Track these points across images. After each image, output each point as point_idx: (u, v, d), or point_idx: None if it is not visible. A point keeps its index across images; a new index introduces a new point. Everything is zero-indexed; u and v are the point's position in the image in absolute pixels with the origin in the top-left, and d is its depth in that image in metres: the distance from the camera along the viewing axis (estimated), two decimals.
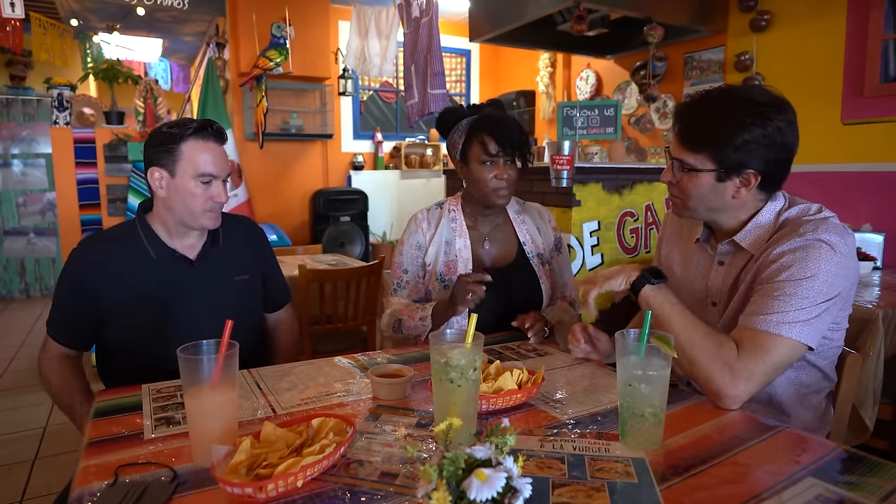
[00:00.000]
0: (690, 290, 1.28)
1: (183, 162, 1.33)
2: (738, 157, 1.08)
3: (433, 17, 3.28)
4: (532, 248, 1.67)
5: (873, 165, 3.04)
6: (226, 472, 0.75)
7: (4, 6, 3.28)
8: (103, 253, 1.37)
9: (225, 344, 0.88)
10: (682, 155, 1.14)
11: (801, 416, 1.19)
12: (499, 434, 0.63)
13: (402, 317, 1.59)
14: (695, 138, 1.11)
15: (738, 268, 1.18)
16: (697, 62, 3.93)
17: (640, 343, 0.92)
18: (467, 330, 0.94)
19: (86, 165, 4.06)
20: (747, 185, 1.12)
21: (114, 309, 1.36)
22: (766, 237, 1.14)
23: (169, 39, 5.63)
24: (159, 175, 1.34)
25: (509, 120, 1.59)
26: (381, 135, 5.56)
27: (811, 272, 1.03)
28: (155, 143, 1.34)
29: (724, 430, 0.96)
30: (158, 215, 1.40)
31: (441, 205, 1.70)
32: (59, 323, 1.38)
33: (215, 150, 1.37)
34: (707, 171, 1.11)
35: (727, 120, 1.08)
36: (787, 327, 1.01)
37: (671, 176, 1.18)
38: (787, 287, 1.03)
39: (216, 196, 1.36)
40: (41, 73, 5.49)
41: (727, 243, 1.20)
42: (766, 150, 1.08)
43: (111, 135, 4.08)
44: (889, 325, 1.91)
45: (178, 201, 1.35)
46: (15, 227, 5.87)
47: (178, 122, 1.35)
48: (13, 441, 2.67)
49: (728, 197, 1.13)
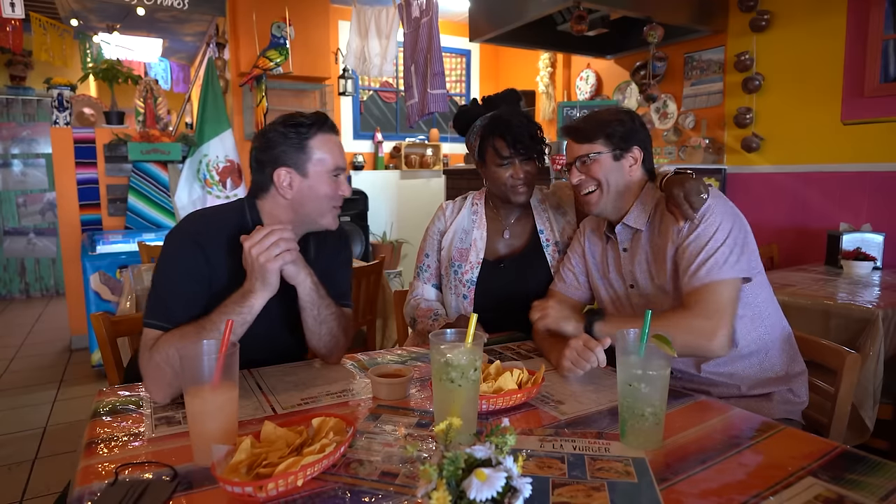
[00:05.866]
0: (615, 282, 1.48)
1: (315, 158, 1.25)
2: (622, 139, 1.37)
3: (433, 17, 3.28)
4: (549, 237, 1.69)
5: (873, 165, 3.04)
6: (226, 471, 0.75)
7: (4, 6, 3.28)
8: (214, 231, 1.24)
9: (225, 344, 0.88)
10: (581, 151, 1.38)
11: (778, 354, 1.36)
12: (499, 434, 0.63)
13: (417, 318, 1.69)
14: (587, 134, 1.38)
15: (636, 248, 1.41)
16: (697, 62, 3.93)
17: (640, 343, 0.92)
18: (467, 330, 0.94)
19: (86, 165, 4.06)
20: (636, 162, 1.39)
21: (215, 286, 1.20)
22: (649, 208, 1.39)
23: (169, 39, 5.63)
24: (288, 176, 1.24)
25: (518, 118, 1.60)
26: (381, 135, 5.56)
27: (714, 224, 1.26)
28: (277, 143, 1.25)
29: (724, 429, 0.97)
30: (273, 216, 1.28)
31: (467, 196, 1.79)
32: (170, 308, 1.16)
33: (338, 141, 1.31)
34: (606, 153, 1.37)
35: (606, 116, 1.39)
36: (716, 271, 1.23)
37: (578, 175, 1.39)
38: (701, 242, 1.25)
39: (345, 190, 1.30)
40: (41, 73, 5.48)
41: (621, 226, 1.42)
42: (638, 134, 1.39)
43: (111, 135, 4.08)
44: (889, 325, 1.91)
45: (309, 200, 1.27)
46: (15, 227, 5.87)
47: (295, 120, 1.26)
48: (13, 441, 2.67)
49: (626, 174, 1.38)
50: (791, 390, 1.34)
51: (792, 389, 1.34)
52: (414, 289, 1.78)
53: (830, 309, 2.00)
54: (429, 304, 1.73)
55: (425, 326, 1.64)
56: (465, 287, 1.66)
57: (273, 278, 1.14)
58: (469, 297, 1.65)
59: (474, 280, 1.65)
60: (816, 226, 3.24)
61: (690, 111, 3.98)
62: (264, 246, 1.12)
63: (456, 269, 1.68)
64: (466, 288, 1.66)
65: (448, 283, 1.70)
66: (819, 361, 1.40)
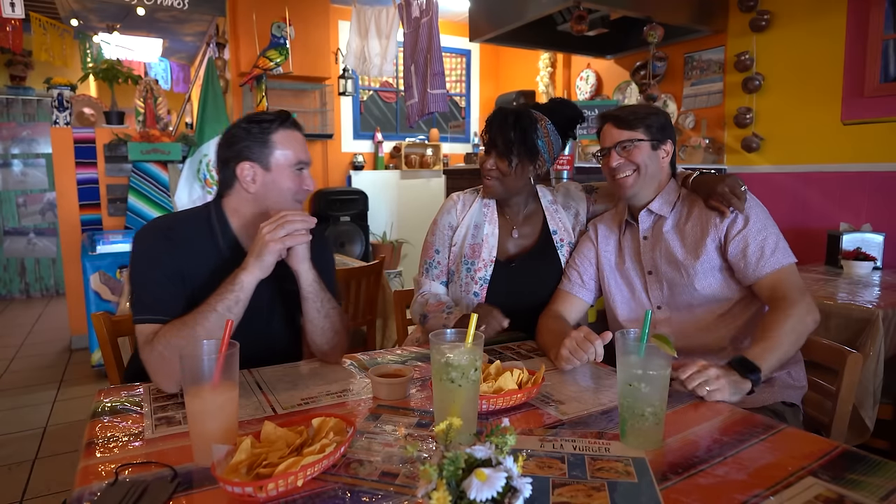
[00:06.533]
0: (634, 272, 1.51)
1: (277, 152, 1.28)
2: (659, 130, 1.45)
3: (433, 17, 3.28)
4: (564, 237, 1.67)
5: (873, 165, 3.04)
6: (226, 471, 0.75)
7: (4, 6, 3.29)
8: (181, 229, 1.27)
9: (225, 344, 0.88)
10: (622, 136, 1.44)
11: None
12: (499, 434, 0.63)
13: (428, 313, 1.62)
14: (629, 122, 1.45)
15: (657, 235, 1.47)
16: (697, 62, 3.93)
17: (640, 343, 0.92)
18: (467, 330, 0.94)
19: (86, 165, 4.06)
20: (667, 155, 1.47)
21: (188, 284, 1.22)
22: (673, 199, 1.49)
23: (169, 39, 5.63)
24: (252, 170, 1.27)
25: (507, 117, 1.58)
26: (381, 135, 5.56)
27: (755, 217, 1.37)
28: (240, 139, 1.27)
29: (724, 429, 0.96)
30: (239, 213, 1.31)
31: (477, 190, 1.74)
32: (157, 300, 1.18)
33: (300, 137, 1.33)
34: (646, 141, 1.43)
35: (645, 110, 1.47)
36: (776, 259, 1.34)
37: (618, 159, 1.44)
38: (759, 234, 1.36)
39: (309, 184, 1.33)
40: (41, 73, 5.49)
41: (645, 212, 1.49)
42: (672, 130, 1.48)
43: (111, 135, 4.08)
44: (889, 325, 1.91)
45: (272, 194, 1.28)
46: (15, 227, 5.87)
47: (259, 117, 1.29)
48: (13, 441, 2.67)
49: (660, 163, 1.46)
50: (790, 374, 1.38)
51: (791, 373, 1.38)
52: (421, 286, 1.71)
53: (830, 309, 2.00)
54: (438, 298, 1.66)
55: (438, 321, 1.57)
56: (478, 285, 1.61)
57: (269, 257, 1.15)
58: (481, 296, 1.61)
59: (487, 278, 1.61)
60: (816, 226, 3.24)
61: (690, 111, 3.98)
62: (274, 224, 1.16)
63: (469, 266, 1.63)
64: (479, 286, 1.61)
65: (458, 280, 1.65)
66: (819, 361, 1.41)
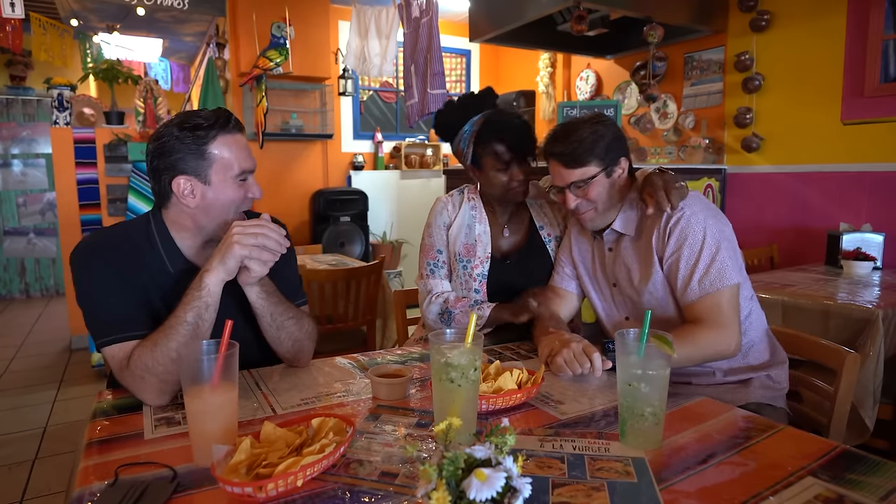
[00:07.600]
0: (600, 279, 1.51)
1: (217, 164, 1.15)
2: (609, 152, 1.35)
3: (433, 17, 3.28)
4: (550, 231, 1.69)
5: (873, 165, 3.04)
6: (226, 471, 0.75)
7: (4, 6, 3.28)
8: (113, 243, 1.19)
9: (225, 344, 0.88)
10: (574, 176, 1.35)
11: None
12: (499, 434, 0.63)
13: (453, 309, 1.61)
14: (578, 158, 1.34)
15: (619, 250, 1.44)
16: (697, 62, 3.93)
17: (639, 343, 0.92)
18: (467, 330, 0.94)
19: (86, 165, 4.06)
20: (623, 170, 1.39)
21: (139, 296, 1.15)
22: (635, 215, 1.41)
23: (169, 39, 5.63)
24: (189, 184, 1.14)
25: (513, 120, 1.60)
26: (381, 135, 5.56)
27: (699, 235, 1.29)
28: (174, 150, 1.14)
29: (724, 429, 0.96)
30: (179, 224, 1.21)
31: (462, 191, 1.75)
32: (115, 318, 1.11)
33: (242, 141, 1.20)
34: (600, 174, 1.35)
35: (586, 134, 1.33)
36: (717, 282, 1.27)
37: (574, 199, 1.37)
38: (693, 257, 1.29)
39: (255, 192, 1.22)
40: (41, 73, 5.48)
41: (609, 232, 1.44)
42: (619, 142, 1.38)
43: (111, 135, 4.08)
44: (889, 325, 1.91)
45: (214, 208, 1.17)
46: (15, 228, 5.87)
47: (193, 122, 1.14)
48: (13, 441, 2.67)
49: (618, 186, 1.39)
50: (769, 376, 1.38)
51: (770, 376, 1.39)
52: (432, 287, 1.67)
53: (830, 309, 2.01)
54: (455, 294, 1.66)
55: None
56: (477, 282, 1.64)
57: (231, 261, 1.09)
58: (482, 292, 1.64)
59: (485, 274, 1.64)
60: (816, 226, 3.24)
61: (690, 111, 3.98)
62: (247, 231, 1.09)
63: (465, 264, 1.65)
64: (478, 282, 1.64)
65: (457, 278, 1.68)
66: (819, 361, 1.41)
